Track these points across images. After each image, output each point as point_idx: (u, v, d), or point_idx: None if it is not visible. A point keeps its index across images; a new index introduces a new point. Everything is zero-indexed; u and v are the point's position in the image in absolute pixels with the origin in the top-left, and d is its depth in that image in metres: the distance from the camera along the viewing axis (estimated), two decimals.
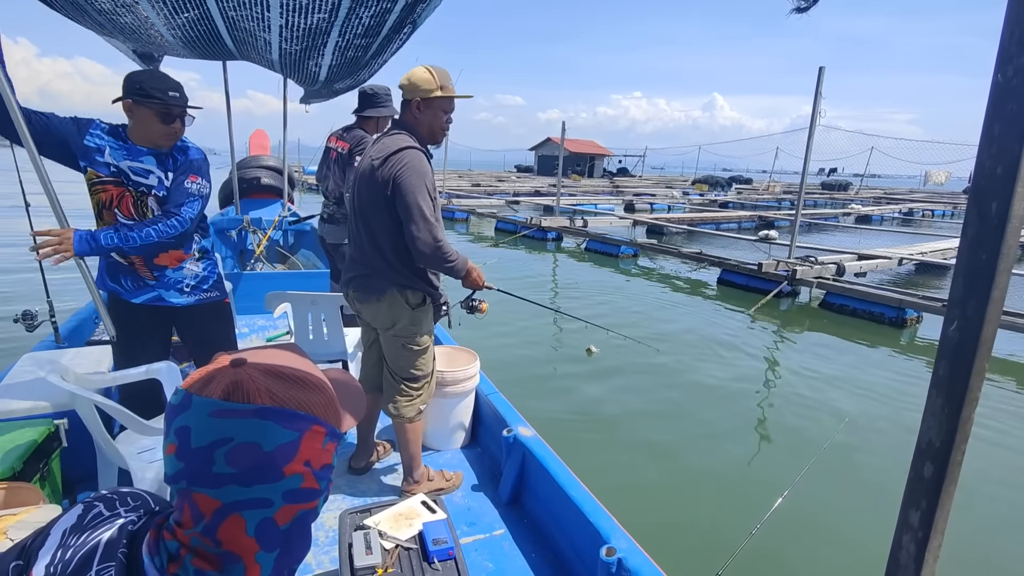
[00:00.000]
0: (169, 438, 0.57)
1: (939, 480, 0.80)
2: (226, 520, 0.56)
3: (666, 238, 13.79)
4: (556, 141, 16.83)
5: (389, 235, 2.04)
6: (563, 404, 4.37)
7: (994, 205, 0.71)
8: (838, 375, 5.31)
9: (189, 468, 0.56)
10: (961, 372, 0.76)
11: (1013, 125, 0.68)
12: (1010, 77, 0.68)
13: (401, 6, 1.86)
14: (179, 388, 0.59)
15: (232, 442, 0.55)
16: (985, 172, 0.72)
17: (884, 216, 22.39)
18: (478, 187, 25.62)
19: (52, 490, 1.99)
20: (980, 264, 0.73)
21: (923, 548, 0.82)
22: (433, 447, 2.72)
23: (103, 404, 1.78)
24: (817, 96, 7.69)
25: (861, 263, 9.02)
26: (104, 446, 1.89)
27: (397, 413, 2.23)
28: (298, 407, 0.59)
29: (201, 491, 0.56)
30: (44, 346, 2.84)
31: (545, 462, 2.18)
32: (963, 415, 0.77)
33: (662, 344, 5.67)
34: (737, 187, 35.39)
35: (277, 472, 0.57)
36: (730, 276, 9.05)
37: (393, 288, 2.08)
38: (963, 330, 0.75)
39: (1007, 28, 0.68)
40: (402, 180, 1.93)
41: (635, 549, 1.70)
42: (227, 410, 0.56)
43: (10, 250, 8.96)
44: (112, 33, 2.45)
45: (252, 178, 7.41)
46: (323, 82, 2.62)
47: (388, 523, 1.81)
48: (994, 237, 0.72)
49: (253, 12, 1.92)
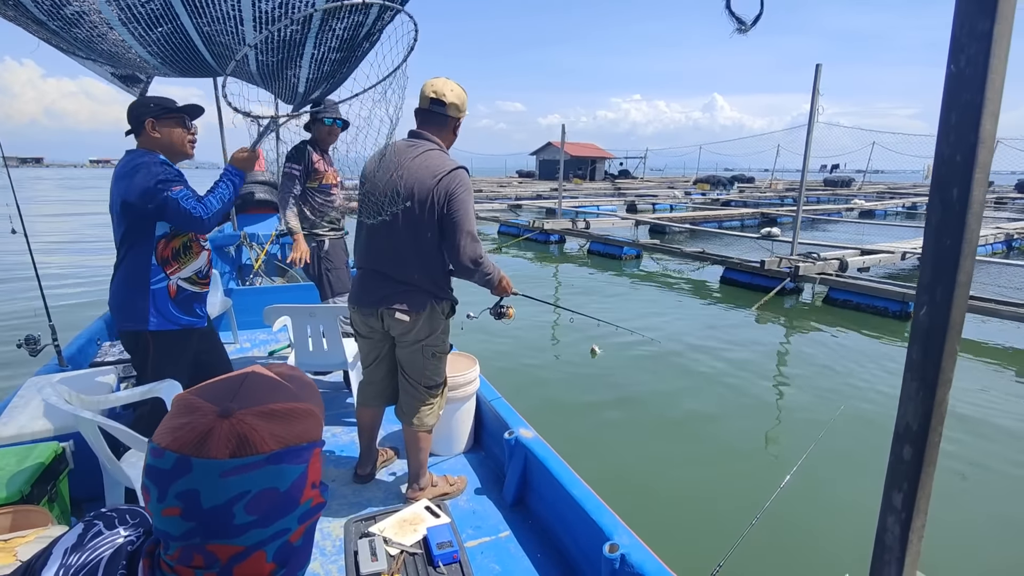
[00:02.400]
0: (168, 502, 0.55)
1: (918, 462, 0.82)
2: (247, 559, 0.57)
3: (668, 237, 13.80)
4: (557, 145, 16.82)
5: (436, 250, 2.06)
6: (565, 404, 4.38)
7: (955, 192, 0.73)
8: (841, 369, 5.32)
9: (204, 527, 0.55)
10: (933, 355, 0.78)
11: (968, 114, 0.70)
12: (963, 67, 0.70)
13: (373, 17, 1.90)
14: (161, 448, 0.55)
15: (250, 494, 0.56)
16: (945, 160, 0.74)
17: (888, 211, 22.36)
18: (480, 192, 25.65)
19: (61, 511, 2.01)
20: (945, 250, 0.75)
21: (907, 528, 0.84)
22: (436, 452, 2.74)
23: (107, 425, 1.80)
24: (815, 93, 7.72)
25: (864, 258, 8.99)
26: (109, 466, 1.91)
27: (420, 424, 2.25)
28: (299, 440, 0.60)
29: (218, 543, 0.56)
30: (48, 370, 2.87)
31: (547, 463, 2.20)
32: (937, 397, 0.79)
33: (665, 342, 5.69)
34: (739, 186, 35.30)
35: (294, 504, 0.59)
36: (733, 274, 9.06)
37: (432, 300, 2.11)
38: (932, 315, 0.77)
39: (957, 20, 0.70)
40: (457, 198, 1.98)
41: (637, 544, 1.71)
42: (240, 467, 0.55)
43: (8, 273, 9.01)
44: (94, 58, 2.48)
45: (247, 193, 7.46)
46: (301, 95, 2.65)
47: (393, 529, 1.83)
48: (956, 223, 0.74)
49: (227, 26, 1.96)
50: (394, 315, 2.09)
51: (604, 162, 47.85)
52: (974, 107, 0.69)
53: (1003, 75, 0.69)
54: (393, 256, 2.07)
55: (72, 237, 15.12)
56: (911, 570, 0.88)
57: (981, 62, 0.68)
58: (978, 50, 0.67)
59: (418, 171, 2.00)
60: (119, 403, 2.14)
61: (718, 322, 7.00)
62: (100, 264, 10.60)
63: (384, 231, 2.06)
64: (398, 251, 2.06)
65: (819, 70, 7.65)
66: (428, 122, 2.10)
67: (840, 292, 7.77)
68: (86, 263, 10.89)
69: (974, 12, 0.67)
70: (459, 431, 2.77)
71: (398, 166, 2.03)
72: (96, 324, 3.65)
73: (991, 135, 0.71)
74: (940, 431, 0.81)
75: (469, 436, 2.81)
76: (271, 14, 1.81)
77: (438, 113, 2.07)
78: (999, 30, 0.67)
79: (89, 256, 11.79)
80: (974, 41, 0.67)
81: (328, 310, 2.95)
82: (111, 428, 1.80)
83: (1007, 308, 6.32)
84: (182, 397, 0.60)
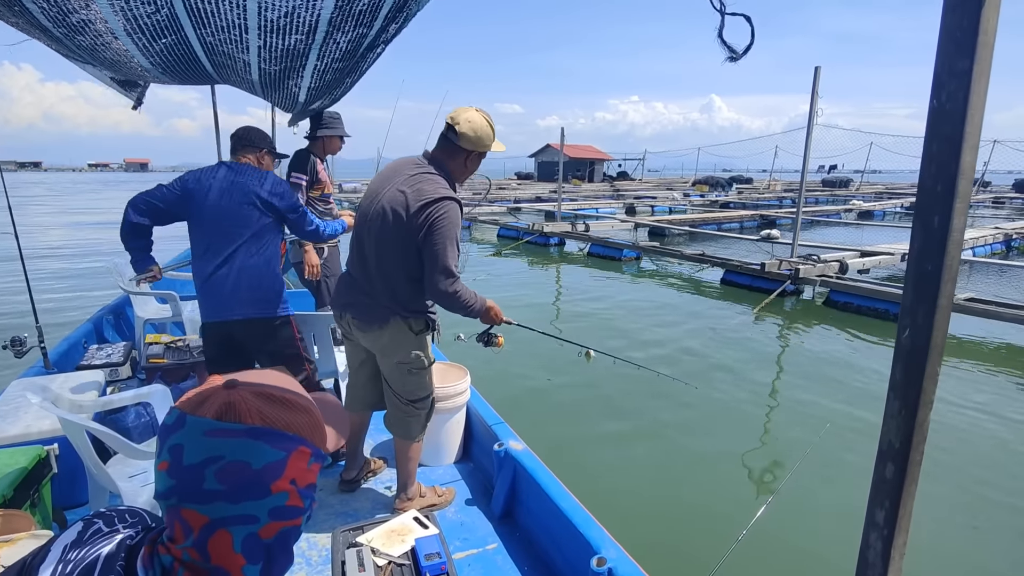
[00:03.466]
0: (162, 455, 0.60)
1: (900, 480, 0.84)
2: (214, 535, 0.59)
3: (668, 240, 13.88)
4: (555, 147, 17.00)
5: (406, 273, 2.02)
6: (555, 415, 4.39)
7: (936, 219, 0.76)
8: (839, 375, 5.37)
9: (180, 485, 0.58)
10: (915, 376, 0.81)
11: (948, 146, 0.74)
12: (944, 102, 0.74)
13: (376, 30, 1.92)
14: (173, 407, 0.61)
15: (223, 460, 0.58)
16: (926, 189, 0.77)
17: (886, 211, 22.60)
18: (478, 195, 25.68)
19: (43, 516, 1.99)
20: (926, 274, 0.78)
21: (889, 545, 0.86)
22: (425, 463, 2.74)
23: (93, 429, 1.79)
24: (814, 95, 7.85)
25: (864, 260, 9.01)
26: (95, 471, 1.89)
27: (406, 435, 2.24)
28: (287, 428, 0.62)
29: (191, 507, 0.58)
30: (33, 372, 2.84)
31: (536, 475, 2.21)
32: (919, 417, 0.82)
33: (666, 347, 5.70)
34: (738, 187, 35.36)
35: (264, 489, 0.60)
36: (733, 276, 9.09)
37: (396, 317, 2.07)
38: (915, 337, 0.80)
39: (939, 58, 0.74)
40: (438, 229, 1.93)
41: (624, 558, 1.72)
42: (220, 430, 0.58)
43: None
44: (95, 64, 2.49)
45: None
46: (302, 104, 2.68)
47: (381, 540, 1.83)
48: (938, 249, 0.77)
49: (231, 35, 1.97)
50: (353, 327, 2.13)
51: (603, 164, 48.14)
52: (955, 140, 0.73)
53: (982, 111, 0.73)
54: (364, 268, 2.09)
55: (62, 242, 14.96)
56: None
57: (961, 98, 0.71)
58: (958, 87, 0.71)
59: (408, 191, 1.97)
60: (107, 407, 2.12)
61: (718, 325, 7.05)
62: (87, 268, 10.50)
63: (365, 242, 2.08)
64: (368, 265, 2.07)
65: (818, 72, 7.77)
66: (441, 146, 2.09)
67: (841, 294, 7.78)
68: (75, 267, 10.78)
69: (953, 52, 0.70)
70: (449, 442, 2.76)
71: (392, 184, 2.03)
72: (84, 327, 3.62)
73: (971, 167, 0.74)
74: (922, 450, 0.84)
75: (459, 447, 2.81)
76: (276, 23, 1.83)
77: (450, 140, 2.05)
78: (978, 69, 0.70)
79: (77, 260, 11.67)
80: (954, 79, 0.71)
81: (321, 318, 2.95)
82: (99, 432, 1.79)
83: (1009, 311, 6.40)
84: (216, 375, 0.66)
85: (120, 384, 3.07)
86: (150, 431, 2.43)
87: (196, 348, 3.33)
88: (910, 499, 0.85)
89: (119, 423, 2.38)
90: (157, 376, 3.08)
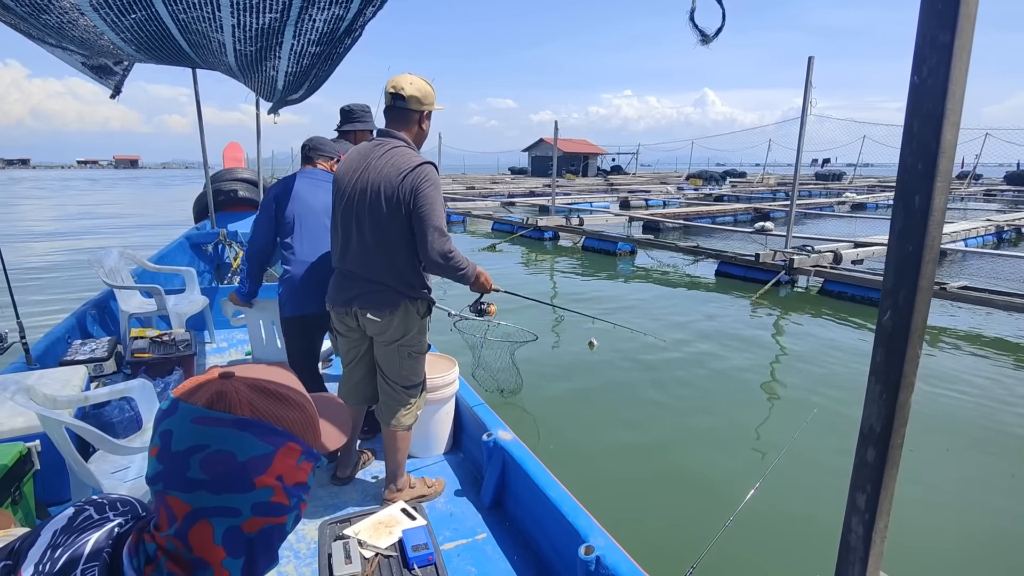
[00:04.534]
0: (154, 440, 0.60)
1: (881, 463, 0.83)
2: (195, 525, 0.58)
3: (662, 234, 13.88)
4: (549, 142, 16.95)
5: (406, 248, 2.04)
6: (546, 404, 4.39)
7: (917, 199, 0.75)
8: (829, 361, 5.40)
9: (167, 470, 0.58)
10: (896, 359, 0.80)
11: (929, 123, 0.72)
12: (924, 77, 0.72)
13: (353, 12, 1.88)
14: (170, 394, 0.62)
15: (208, 449, 0.57)
16: (907, 168, 0.75)
17: (879, 204, 22.83)
18: (472, 190, 25.52)
19: (25, 514, 1.96)
20: (907, 255, 0.77)
21: (870, 530, 0.86)
22: (415, 454, 2.72)
23: (74, 425, 1.76)
24: (808, 86, 7.81)
25: (857, 250, 9.14)
26: (76, 467, 1.86)
27: (397, 423, 2.23)
28: (276, 422, 0.61)
29: (174, 494, 0.58)
30: (15, 368, 2.79)
31: (525, 465, 2.20)
32: (900, 400, 0.81)
33: (660, 335, 5.71)
34: (731, 181, 35.55)
35: (247, 483, 0.59)
36: (728, 268, 9.15)
37: (405, 300, 2.09)
38: (895, 319, 0.79)
39: (920, 32, 0.72)
40: (423, 193, 1.96)
41: (613, 546, 1.72)
42: (208, 418, 0.58)
43: None
44: (64, 46, 2.42)
45: (228, 191, 7.36)
46: (281, 91, 2.63)
47: (368, 532, 1.82)
48: (919, 229, 0.75)
49: (203, 13, 1.93)
50: (365, 315, 2.11)
51: (596, 158, 48.05)
52: (935, 117, 0.71)
53: (963, 86, 0.71)
54: (363, 256, 2.08)
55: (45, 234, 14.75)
56: (875, 570, 0.89)
57: (942, 73, 0.70)
58: (939, 61, 0.69)
59: (383, 169, 2.00)
60: (89, 403, 2.09)
61: (715, 312, 7.08)
62: (70, 259, 10.36)
63: (354, 231, 2.07)
64: (367, 250, 2.06)
65: (811, 63, 7.73)
66: (393, 119, 2.10)
67: (835, 284, 7.92)
68: (58, 260, 10.64)
69: (935, 24, 0.68)
70: (438, 433, 2.75)
71: (364, 167, 2.04)
72: (67, 322, 3.56)
73: (951, 144, 0.72)
74: (903, 433, 0.83)
75: (448, 438, 2.80)
76: (248, 1, 1.78)
77: (400, 108, 2.07)
78: (959, 43, 0.68)
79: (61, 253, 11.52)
80: (935, 52, 0.69)
81: (274, 307, 2.95)
82: (78, 428, 1.76)
83: (1001, 299, 6.57)
84: (216, 366, 0.66)
85: (105, 379, 3.03)
86: (134, 426, 2.40)
87: (182, 342, 3.29)
88: (892, 483, 0.85)
89: (102, 418, 2.35)
90: (142, 370, 3.04)
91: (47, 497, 2.19)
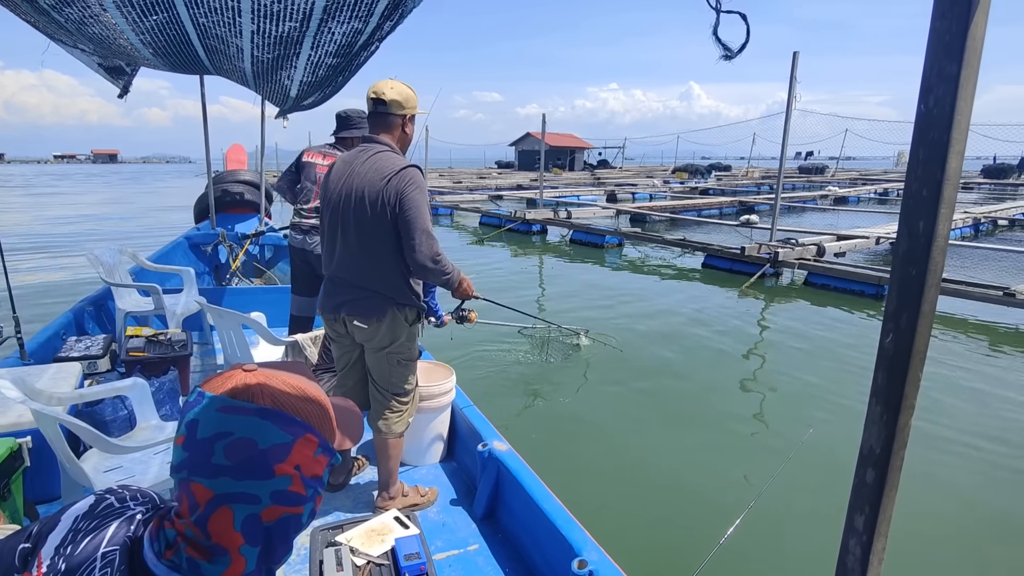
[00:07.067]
0: (180, 430, 0.63)
1: (880, 485, 0.84)
2: (217, 511, 0.61)
3: (649, 226, 13.96)
4: (536, 136, 17.06)
5: (392, 253, 2.04)
6: (540, 410, 4.37)
7: (921, 224, 0.76)
8: (818, 363, 5.42)
9: (192, 457, 0.61)
10: (897, 381, 0.81)
11: (935, 151, 0.73)
12: (931, 107, 0.74)
13: (372, 27, 1.91)
14: (197, 387, 0.65)
15: (232, 436, 0.60)
16: (912, 193, 0.77)
17: (860, 197, 23.16)
18: (459, 184, 25.52)
19: (12, 511, 1.94)
20: (911, 279, 0.78)
21: (868, 551, 0.86)
22: (409, 462, 2.71)
23: (66, 422, 1.75)
24: (792, 81, 7.93)
25: (840, 243, 9.33)
26: (68, 465, 1.85)
27: (388, 430, 2.22)
28: (295, 413, 0.64)
29: (198, 480, 0.61)
30: (8, 363, 2.77)
31: (519, 476, 2.19)
32: (900, 422, 0.82)
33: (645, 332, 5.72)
34: (717, 174, 35.95)
35: (268, 470, 0.61)
36: (714, 261, 9.29)
37: (393, 307, 2.09)
38: (898, 342, 0.80)
39: (927, 62, 0.74)
40: (408, 196, 1.97)
41: (606, 561, 1.71)
42: (232, 407, 0.62)
43: None
44: (82, 43, 2.43)
45: (233, 193, 7.38)
46: (293, 99, 2.64)
47: (360, 539, 1.81)
48: (923, 254, 0.76)
49: (224, 18, 1.95)
50: (352, 322, 2.11)
51: (583, 152, 48.19)
52: (941, 145, 0.73)
53: (968, 116, 0.73)
54: (350, 262, 2.09)
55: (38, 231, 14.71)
56: None
57: (948, 103, 0.71)
58: (946, 91, 0.71)
59: (367, 174, 2.01)
60: (83, 400, 2.07)
61: (703, 304, 7.20)
62: (66, 258, 10.32)
63: (341, 237, 2.08)
64: (354, 257, 2.07)
65: (796, 57, 7.87)
66: (376, 125, 2.12)
67: (819, 276, 8.09)
68: (54, 255, 10.59)
69: (942, 55, 0.70)
70: (433, 441, 2.74)
71: (349, 173, 2.05)
72: (63, 318, 3.54)
73: (956, 172, 0.74)
74: (903, 455, 0.84)
75: (443, 447, 2.79)
76: (270, 7, 1.80)
77: (382, 113, 2.08)
78: (965, 73, 0.70)
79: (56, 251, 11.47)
80: (942, 82, 0.71)
81: (231, 316, 3.03)
82: (73, 425, 1.75)
83: (977, 290, 6.79)
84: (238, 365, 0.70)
85: (99, 377, 3.01)
86: (127, 425, 2.39)
87: (178, 342, 3.28)
88: (890, 504, 0.85)
89: (95, 416, 2.33)
90: (136, 369, 3.02)
91: (37, 495, 2.16)
